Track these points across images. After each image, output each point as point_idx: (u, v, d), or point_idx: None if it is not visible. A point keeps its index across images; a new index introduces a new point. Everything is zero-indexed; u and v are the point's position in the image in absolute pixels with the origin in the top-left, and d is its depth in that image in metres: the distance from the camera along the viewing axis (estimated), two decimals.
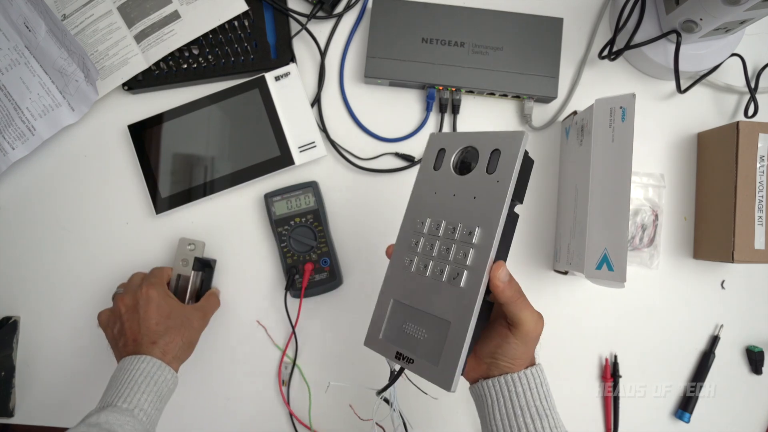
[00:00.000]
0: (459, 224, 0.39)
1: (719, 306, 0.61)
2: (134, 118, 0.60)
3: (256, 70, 0.60)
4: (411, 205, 0.43)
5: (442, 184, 0.41)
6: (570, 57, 0.63)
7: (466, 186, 0.40)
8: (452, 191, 0.40)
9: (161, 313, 0.51)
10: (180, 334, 0.52)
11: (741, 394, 0.61)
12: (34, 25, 0.57)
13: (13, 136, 0.59)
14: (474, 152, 0.40)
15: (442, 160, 0.42)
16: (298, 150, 0.60)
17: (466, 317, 0.37)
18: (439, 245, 0.39)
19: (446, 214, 0.40)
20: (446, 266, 0.39)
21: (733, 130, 0.56)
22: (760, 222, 0.55)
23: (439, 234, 0.40)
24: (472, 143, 0.40)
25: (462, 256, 0.38)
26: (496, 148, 0.39)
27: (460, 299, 0.37)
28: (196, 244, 0.58)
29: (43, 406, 0.60)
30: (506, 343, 0.40)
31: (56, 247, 0.61)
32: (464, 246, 0.38)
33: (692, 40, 0.57)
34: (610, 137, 0.50)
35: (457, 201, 0.40)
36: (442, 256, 0.39)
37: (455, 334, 0.37)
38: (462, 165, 0.41)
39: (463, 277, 0.38)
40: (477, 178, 0.39)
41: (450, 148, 0.41)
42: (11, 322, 0.59)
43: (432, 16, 0.60)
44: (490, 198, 0.38)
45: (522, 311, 0.39)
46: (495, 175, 0.38)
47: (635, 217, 0.60)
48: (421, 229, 0.41)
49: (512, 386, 0.39)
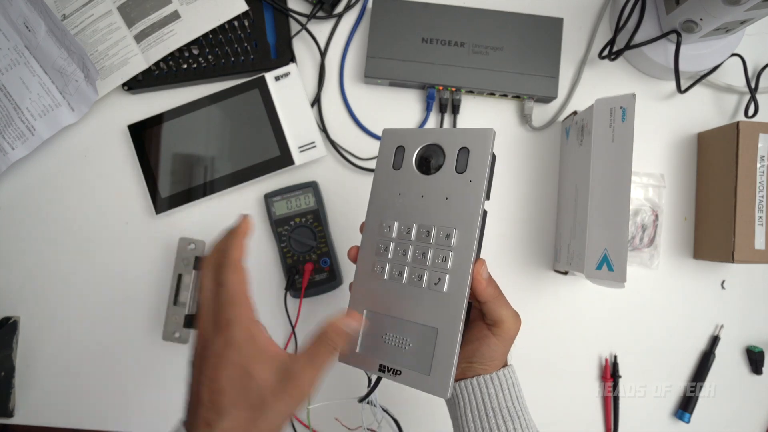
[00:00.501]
0: (433, 227, 0.37)
1: (719, 306, 0.61)
2: (134, 118, 0.60)
3: (256, 70, 0.60)
4: (372, 208, 0.40)
5: (406, 184, 0.39)
6: (570, 57, 0.63)
7: (434, 186, 0.38)
8: (419, 192, 0.39)
9: (233, 375, 0.32)
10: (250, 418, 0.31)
11: (741, 394, 0.61)
12: (34, 25, 0.57)
13: (13, 136, 0.59)
14: (438, 150, 0.38)
15: (402, 159, 0.40)
16: (298, 150, 0.60)
17: (454, 322, 0.36)
18: (413, 250, 0.38)
19: (416, 216, 0.38)
20: (425, 271, 0.37)
21: (734, 130, 0.56)
22: (760, 222, 0.55)
23: (411, 238, 0.38)
24: (435, 141, 0.39)
25: (442, 260, 0.37)
26: (464, 146, 0.37)
27: (445, 304, 0.36)
28: (197, 243, 0.58)
29: (43, 406, 0.60)
30: (485, 345, 0.39)
31: (56, 247, 0.61)
32: (443, 249, 0.37)
33: (692, 40, 0.57)
34: (610, 137, 0.50)
35: (426, 202, 0.38)
36: (418, 261, 0.38)
37: (445, 341, 0.36)
38: (426, 164, 0.39)
39: (445, 281, 0.36)
40: (446, 178, 0.38)
41: (409, 146, 0.39)
42: (11, 322, 0.59)
43: (432, 16, 0.59)
44: (464, 198, 0.37)
45: (502, 308, 0.39)
46: (466, 175, 0.37)
47: (635, 217, 0.60)
48: (389, 233, 0.39)
49: (485, 388, 0.39)
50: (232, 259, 0.35)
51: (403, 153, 0.40)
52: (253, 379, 0.32)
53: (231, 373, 0.32)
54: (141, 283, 0.60)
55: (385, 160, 0.40)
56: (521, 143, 0.62)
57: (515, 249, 0.61)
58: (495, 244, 0.61)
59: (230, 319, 0.33)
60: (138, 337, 0.60)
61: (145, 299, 0.60)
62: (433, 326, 0.36)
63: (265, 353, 0.33)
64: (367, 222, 0.40)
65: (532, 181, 0.62)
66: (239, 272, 0.34)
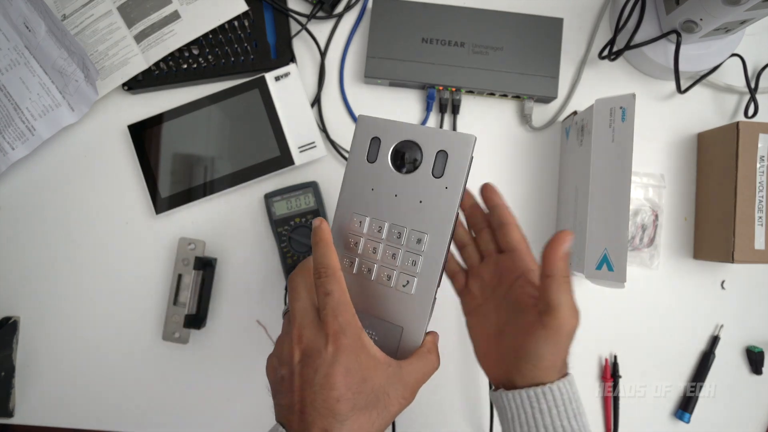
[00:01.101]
0: (405, 229, 0.37)
1: (719, 306, 0.61)
2: (134, 118, 0.60)
3: (256, 70, 0.60)
4: (344, 201, 0.39)
5: (379, 180, 0.38)
6: (570, 57, 0.63)
7: (409, 187, 0.37)
8: (393, 191, 0.38)
9: (350, 381, 0.32)
10: (369, 421, 0.33)
11: (741, 395, 0.61)
12: (34, 26, 0.57)
13: (13, 136, 0.59)
14: (415, 148, 0.37)
15: (377, 152, 0.38)
16: (298, 150, 0.60)
17: (419, 322, 0.37)
18: (383, 249, 0.38)
19: (388, 215, 0.38)
20: (394, 272, 0.37)
21: (733, 130, 0.56)
22: (760, 222, 0.55)
23: (382, 237, 0.38)
24: (413, 138, 0.37)
25: (412, 264, 0.37)
26: (442, 149, 0.36)
27: (411, 305, 0.37)
28: (197, 243, 0.58)
29: (43, 406, 0.60)
30: (532, 340, 0.35)
31: (56, 247, 0.61)
32: (413, 253, 0.37)
33: (692, 40, 0.57)
34: (610, 137, 0.50)
35: (399, 202, 0.37)
36: (388, 261, 0.38)
37: (409, 338, 0.37)
38: (401, 161, 0.37)
39: (414, 284, 0.37)
40: (422, 181, 0.37)
41: (386, 138, 0.38)
42: (11, 322, 0.59)
43: (432, 16, 0.59)
44: (438, 204, 0.36)
45: (562, 292, 0.34)
46: (443, 180, 0.36)
47: (635, 217, 0.60)
48: (359, 228, 0.38)
49: (536, 402, 0.35)
50: (333, 268, 0.35)
51: (378, 145, 0.38)
52: (368, 384, 0.33)
53: (348, 380, 0.32)
54: (141, 283, 0.60)
55: (359, 150, 0.39)
56: (521, 143, 0.62)
57: None
58: None
59: (341, 327, 0.33)
60: (138, 337, 0.60)
61: (145, 299, 0.60)
62: (398, 325, 0.37)
63: (376, 359, 0.34)
64: (338, 211, 0.39)
65: (532, 181, 0.62)
66: (342, 281, 0.35)
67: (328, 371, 0.32)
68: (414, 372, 0.35)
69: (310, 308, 0.35)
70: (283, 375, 0.35)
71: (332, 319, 0.33)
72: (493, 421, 0.58)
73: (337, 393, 0.32)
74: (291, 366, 0.34)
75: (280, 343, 0.36)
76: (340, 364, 0.32)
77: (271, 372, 0.36)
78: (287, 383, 0.34)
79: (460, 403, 0.60)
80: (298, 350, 0.34)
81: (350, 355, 0.33)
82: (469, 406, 0.60)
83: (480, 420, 0.59)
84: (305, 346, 0.34)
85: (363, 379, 0.33)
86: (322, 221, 0.37)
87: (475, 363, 0.59)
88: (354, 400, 0.32)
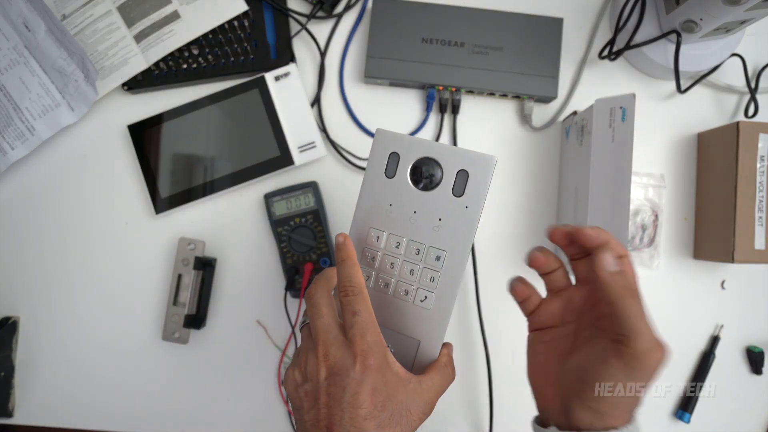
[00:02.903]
0: (424, 245, 0.38)
1: (719, 306, 0.61)
2: (134, 118, 0.60)
3: (256, 70, 0.60)
4: (360, 215, 0.39)
5: (398, 196, 0.38)
6: (570, 57, 0.63)
7: (428, 204, 0.37)
8: (412, 207, 0.38)
9: (376, 400, 0.33)
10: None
11: (741, 395, 0.61)
12: (34, 25, 0.57)
13: (13, 136, 0.59)
14: (435, 166, 0.37)
15: (396, 167, 0.38)
16: (298, 150, 0.60)
17: (436, 336, 0.38)
18: (401, 264, 0.38)
19: (407, 231, 0.38)
20: (412, 287, 0.38)
21: (734, 130, 0.56)
22: (760, 222, 0.55)
23: (400, 252, 0.38)
24: (434, 156, 0.37)
25: (430, 280, 0.37)
26: (463, 168, 0.37)
27: (429, 320, 0.38)
28: (196, 243, 0.58)
29: (43, 406, 0.60)
30: (601, 368, 0.31)
31: (56, 247, 0.61)
32: (432, 270, 0.37)
33: (692, 40, 0.57)
34: (610, 137, 0.50)
35: (418, 219, 0.38)
36: (405, 276, 0.38)
37: (425, 351, 0.38)
38: (420, 178, 0.38)
39: (432, 299, 0.37)
40: (442, 199, 0.37)
41: (405, 154, 0.38)
42: (11, 322, 0.59)
43: (432, 16, 0.59)
44: (458, 224, 0.37)
45: (636, 316, 0.30)
46: (463, 200, 0.37)
47: (635, 217, 0.60)
48: (377, 243, 0.39)
49: None
50: (360, 287, 0.36)
51: (397, 161, 0.38)
52: (392, 401, 0.34)
53: (374, 398, 0.33)
54: (141, 283, 0.60)
55: (377, 164, 0.39)
56: (521, 143, 0.62)
57: (515, 249, 0.61)
58: (495, 244, 0.61)
59: (369, 347, 0.34)
60: (138, 337, 0.60)
61: (145, 299, 0.60)
62: (415, 338, 0.38)
63: (399, 377, 0.35)
64: (354, 225, 0.39)
65: (532, 181, 0.62)
66: (368, 300, 0.36)
67: (356, 390, 0.33)
68: (433, 387, 0.36)
69: (334, 325, 0.35)
70: (307, 390, 0.35)
71: (360, 338, 0.34)
72: (493, 421, 0.58)
73: (364, 411, 0.32)
74: (317, 383, 0.34)
75: (303, 357, 0.36)
76: (368, 383, 0.33)
77: (292, 386, 0.36)
78: (311, 399, 0.34)
79: (460, 403, 0.60)
80: (325, 367, 0.34)
81: (377, 375, 0.33)
82: (469, 406, 0.60)
83: (480, 420, 0.59)
84: (332, 363, 0.34)
85: (388, 397, 0.34)
86: (346, 237, 0.37)
87: (475, 363, 0.59)
88: (380, 418, 0.33)
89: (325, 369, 0.34)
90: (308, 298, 0.37)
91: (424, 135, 0.62)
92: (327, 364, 0.34)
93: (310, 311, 0.37)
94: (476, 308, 0.58)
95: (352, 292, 0.35)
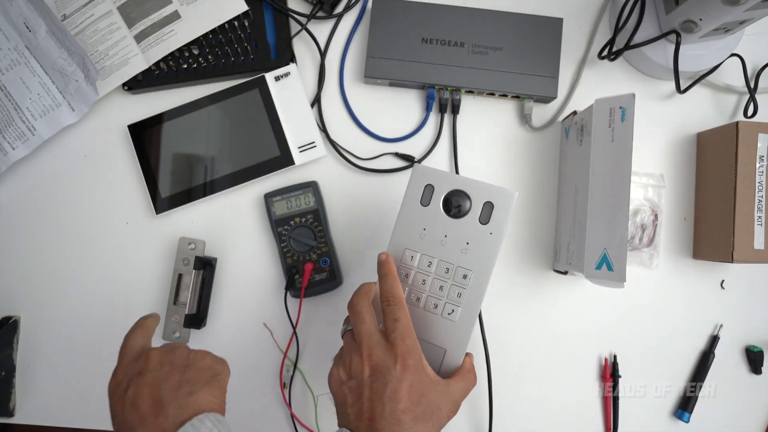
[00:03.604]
0: (453, 265, 0.44)
1: (719, 306, 0.61)
2: (134, 118, 0.60)
3: (256, 70, 0.60)
4: (397, 237, 0.45)
5: (431, 222, 0.44)
6: (570, 57, 0.63)
7: (458, 230, 0.44)
8: (443, 232, 0.44)
9: (413, 396, 0.38)
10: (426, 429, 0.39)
11: (741, 394, 0.61)
12: (34, 26, 0.57)
13: (14, 136, 0.59)
14: (465, 197, 0.44)
15: (430, 198, 0.44)
16: (298, 150, 0.60)
17: (461, 346, 0.44)
18: (431, 281, 0.44)
19: (438, 252, 0.44)
20: (440, 301, 0.44)
21: (733, 130, 0.56)
22: (759, 222, 0.55)
23: (431, 271, 0.44)
24: (464, 188, 0.44)
25: (457, 296, 0.43)
26: (489, 200, 0.43)
27: (455, 331, 0.44)
28: (197, 243, 0.58)
29: (43, 406, 0.60)
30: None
31: (56, 247, 0.61)
32: (459, 286, 0.43)
33: (692, 40, 0.57)
34: (609, 137, 0.50)
35: (449, 242, 0.44)
36: (435, 292, 0.44)
37: (451, 359, 0.44)
38: (451, 207, 0.44)
39: (458, 313, 0.44)
40: (469, 226, 0.43)
41: (439, 186, 0.44)
42: (11, 322, 0.59)
43: (432, 16, 0.60)
44: (484, 247, 0.43)
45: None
46: (488, 227, 0.43)
47: (635, 217, 0.61)
48: (411, 262, 0.45)
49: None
50: (400, 298, 0.42)
51: (432, 192, 0.44)
52: (425, 399, 0.39)
53: (411, 395, 0.38)
54: (141, 283, 0.60)
55: (414, 194, 0.45)
56: (521, 143, 0.62)
57: (515, 249, 0.61)
58: None
59: (408, 349, 0.39)
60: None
61: (145, 299, 0.60)
62: (442, 347, 0.44)
63: (430, 378, 0.41)
64: (392, 245, 0.45)
65: (532, 181, 0.62)
66: (407, 310, 0.42)
67: (396, 386, 0.38)
68: (459, 389, 0.42)
69: (375, 331, 0.41)
70: (352, 387, 0.40)
71: (400, 341, 0.39)
72: (493, 421, 0.58)
73: (402, 405, 0.38)
74: (361, 380, 0.39)
75: (347, 358, 0.41)
76: (406, 381, 0.38)
77: (337, 383, 0.41)
78: (355, 394, 0.39)
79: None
80: (368, 367, 0.39)
81: (414, 374, 0.39)
82: (469, 406, 0.60)
83: (480, 420, 0.59)
84: (375, 363, 0.39)
85: (422, 395, 0.39)
86: (388, 256, 0.44)
87: (476, 363, 0.59)
88: (415, 412, 0.38)
89: (369, 368, 0.39)
90: (351, 308, 0.43)
91: (424, 135, 0.62)
92: (371, 364, 0.39)
93: (353, 318, 0.42)
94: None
95: (393, 302, 0.41)
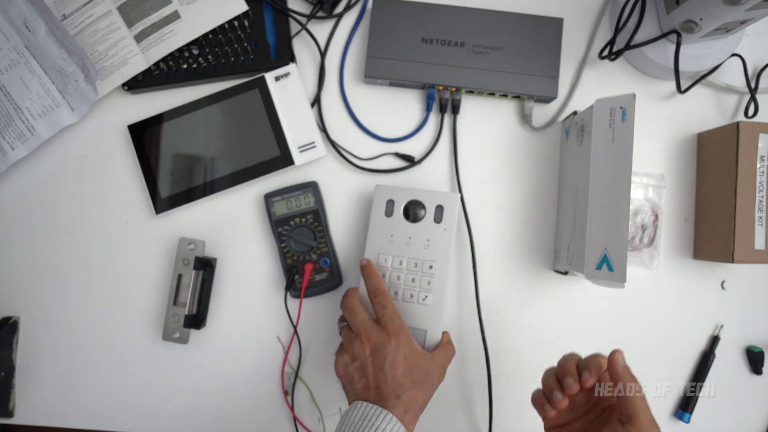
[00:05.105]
0: (420, 260, 0.53)
1: (719, 306, 0.61)
2: (134, 118, 0.60)
3: (256, 70, 0.60)
4: (371, 245, 0.55)
5: (396, 229, 0.54)
6: (570, 57, 0.63)
7: (419, 232, 0.54)
8: (407, 235, 0.54)
9: (408, 364, 0.47)
10: (422, 391, 0.47)
11: (741, 395, 0.61)
12: (34, 26, 0.57)
13: (13, 136, 0.59)
14: (420, 205, 0.54)
15: (392, 209, 0.54)
16: (298, 150, 0.60)
17: (437, 324, 0.53)
18: (405, 276, 0.53)
19: (406, 252, 0.54)
20: (414, 291, 0.53)
21: (734, 130, 0.56)
22: (760, 222, 0.55)
23: (403, 267, 0.54)
24: (418, 198, 0.54)
25: (428, 284, 0.53)
26: (439, 203, 0.54)
27: (431, 312, 0.53)
28: (197, 243, 0.58)
29: (43, 406, 0.60)
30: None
31: (56, 247, 0.61)
32: (427, 276, 0.53)
33: (692, 40, 0.57)
34: (610, 137, 0.50)
35: (413, 242, 0.54)
36: (409, 284, 0.53)
37: (431, 337, 0.53)
38: (411, 214, 0.54)
39: (430, 298, 0.53)
40: (427, 226, 0.54)
41: (398, 199, 0.54)
42: (11, 322, 0.59)
43: (432, 16, 0.59)
44: (442, 241, 0.54)
45: (638, 401, 0.40)
46: (442, 225, 0.54)
47: (635, 217, 0.60)
48: (386, 264, 0.54)
49: None
50: (384, 290, 0.51)
51: (393, 205, 0.55)
52: (418, 366, 0.48)
53: (406, 363, 0.47)
54: (141, 283, 0.60)
55: (379, 209, 0.55)
56: (521, 143, 0.62)
57: (515, 249, 0.61)
58: (495, 244, 0.61)
59: (398, 328, 0.48)
60: (138, 337, 0.60)
61: (145, 299, 0.60)
62: (422, 328, 0.53)
63: (419, 350, 0.49)
64: (367, 252, 0.55)
65: (532, 181, 0.62)
66: (391, 299, 0.51)
67: (393, 358, 0.47)
68: (443, 358, 0.51)
69: (368, 319, 0.50)
70: (356, 366, 0.48)
71: (390, 323, 0.49)
72: (493, 421, 0.58)
73: (401, 371, 0.46)
74: (364, 359, 0.48)
75: (349, 346, 0.49)
76: (401, 353, 0.47)
77: (343, 367, 0.49)
78: (360, 371, 0.48)
79: (460, 403, 0.60)
80: (368, 347, 0.48)
81: (406, 347, 0.48)
82: (470, 406, 0.60)
83: (480, 420, 0.59)
84: (374, 343, 0.48)
85: (415, 363, 0.48)
86: (368, 260, 0.53)
87: (476, 363, 0.59)
88: (411, 377, 0.47)
89: (369, 348, 0.48)
90: (344, 306, 0.51)
91: (424, 135, 0.62)
92: (370, 345, 0.48)
93: (347, 314, 0.51)
94: (476, 308, 0.58)
95: (379, 294, 0.51)
